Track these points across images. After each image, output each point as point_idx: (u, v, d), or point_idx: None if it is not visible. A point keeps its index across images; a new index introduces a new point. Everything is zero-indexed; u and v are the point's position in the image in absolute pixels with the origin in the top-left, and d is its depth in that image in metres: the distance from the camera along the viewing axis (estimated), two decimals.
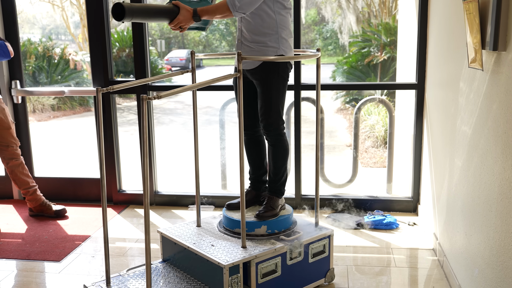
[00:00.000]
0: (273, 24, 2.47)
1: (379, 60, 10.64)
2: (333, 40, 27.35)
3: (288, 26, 2.53)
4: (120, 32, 14.84)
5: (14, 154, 3.56)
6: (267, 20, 2.47)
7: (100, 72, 3.87)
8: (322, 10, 16.88)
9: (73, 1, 16.23)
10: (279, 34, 2.49)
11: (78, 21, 17.47)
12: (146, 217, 1.98)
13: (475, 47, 2.13)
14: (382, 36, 10.97)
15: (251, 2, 2.34)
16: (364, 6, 14.46)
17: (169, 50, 27.04)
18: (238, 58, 2.23)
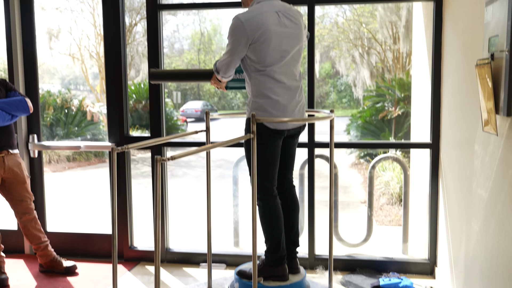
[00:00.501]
0: (250, 87, 2.63)
1: (394, 115, 10.68)
2: (347, 93, 27.68)
3: (263, 88, 2.59)
4: (137, 84, 15.19)
5: (28, 209, 3.58)
6: (248, 83, 2.64)
7: (116, 127, 3.93)
8: (336, 64, 17.16)
9: (92, 54, 16.74)
10: (252, 97, 2.61)
11: (96, 73, 17.97)
12: (156, 280, 1.96)
13: (488, 112, 2.14)
14: (396, 91, 11.06)
15: (225, 66, 2.61)
16: (378, 61, 14.69)
17: (185, 101, 27.52)
18: (252, 120, 2.26)
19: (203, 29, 29.15)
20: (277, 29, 2.54)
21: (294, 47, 2.64)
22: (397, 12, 12.78)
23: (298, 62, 2.69)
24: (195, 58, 29.88)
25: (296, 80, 2.68)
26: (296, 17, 2.66)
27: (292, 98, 2.63)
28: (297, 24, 2.64)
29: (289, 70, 2.63)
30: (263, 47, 2.52)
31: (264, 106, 2.57)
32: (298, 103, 2.67)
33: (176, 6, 4.01)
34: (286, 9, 2.64)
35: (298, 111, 2.68)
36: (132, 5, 17.21)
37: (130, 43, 17.40)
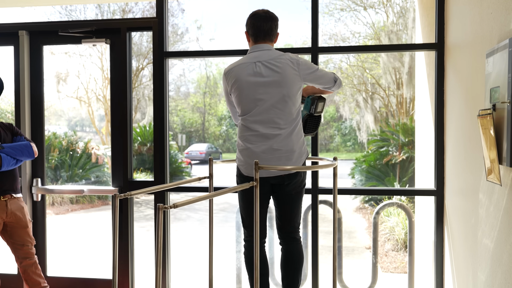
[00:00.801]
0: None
1: (398, 160, 10.67)
2: (351, 136, 27.78)
3: (240, 136, 2.71)
4: (143, 126, 15.31)
5: (29, 253, 3.55)
6: None
7: (120, 170, 3.94)
8: (340, 108, 17.29)
9: (99, 97, 16.96)
10: (237, 143, 2.74)
11: (103, 115, 18.15)
12: None
13: (492, 161, 2.14)
14: (400, 136, 11.09)
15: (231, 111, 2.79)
16: (381, 106, 14.80)
17: (190, 143, 27.64)
18: (255, 167, 2.27)
19: (209, 72, 29.59)
20: (249, 79, 2.64)
21: (273, 95, 2.63)
22: (400, 58, 12.96)
23: (282, 110, 2.64)
24: (201, 101, 30.21)
25: (277, 128, 2.64)
26: (279, 65, 2.64)
27: (267, 146, 2.63)
28: (278, 72, 2.63)
29: (267, 118, 2.63)
30: (237, 97, 2.69)
31: (240, 153, 2.69)
32: (275, 151, 2.63)
33: (182, 54, 4.09)
34: (271, 58, 2.67)
35: (277, 160, 2.63)
36: (139, 50, 17.56)
37: (137, 86, 17.66)
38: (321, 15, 15.40)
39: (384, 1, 14.37)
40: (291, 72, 2.64)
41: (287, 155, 2.64)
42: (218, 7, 29.99)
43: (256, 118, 2.64)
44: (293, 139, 2.65)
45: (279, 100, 2.63)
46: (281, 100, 2.63)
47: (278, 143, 2.63)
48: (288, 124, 2.65)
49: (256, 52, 2.71)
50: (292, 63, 2.65)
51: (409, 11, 13.54)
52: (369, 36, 15.50)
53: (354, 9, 14.99)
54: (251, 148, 2.63)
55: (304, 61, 2.69)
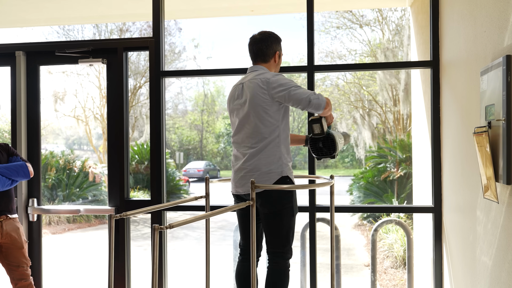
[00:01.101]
0: None
1: (396, 176, 10.67)
2: (349, 152, 27.80)
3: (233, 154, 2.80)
4: (140, 145, 15.30)
5: (24, 274, 3.51)
6: None
7: (117, 190, 3.92)
8: (338, 125, 17.32)
9: (97, 116, 16.98)
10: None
11: (100, 133, 18.15)
12: None
13: (488, 179, 2.14)
14: (397, 152, 11.11)
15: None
16: (379, 123, 14.84)
17: (187, 161, 27.60)
18: (251, 187, 2.26)
19: (207, 90, 29.69)
20: (233, 102, 2.78)
21: (243, 116, 2.68)
22: (396, 75, 13.04)
23: (252, 130, 2.65)
24: (199, 118, 30.25)
25: (247, 147, 2.67)
26: (250, 85, 2.67)
27: (238, 166, 2.71)
28: (247, 93, 2.68)
29: (241, 138, 2.71)
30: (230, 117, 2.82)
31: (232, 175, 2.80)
32: (241, 170, 2.67)
33: (178, 73, 4.11)
34: (249, 79, 2.72)
35: (241, 177, 2.67)
36: (137, 68, 17.63)
37: (134, 105, 17.69)
38: (317, 33, 15.55)
39: (380, 19, 14.52)
40: (259, 92, 2.63)
41: (251, 174, 2.63)
42: (215, 26, 30.21)
43: (234, 138, 2.77)
44: (260, 157, 2.63)
45: (247, 120, 2.67)
46: (248, 121, 2.66)
47: (244, 162, 2.67)
48: (257, 144, 2.64)
49: (248, 73, 2.81)
50: (262, 82, 2.64)
51: (404, 28, 13.67)
52: (365, 53, 15.61)
53: (350, 27, 15.13)
54: (233, 167, 2.77)
55: (276, 80, 2.63)
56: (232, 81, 25.02)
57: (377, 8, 13.97)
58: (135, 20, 5.05)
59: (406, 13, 13.44)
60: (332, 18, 15.33)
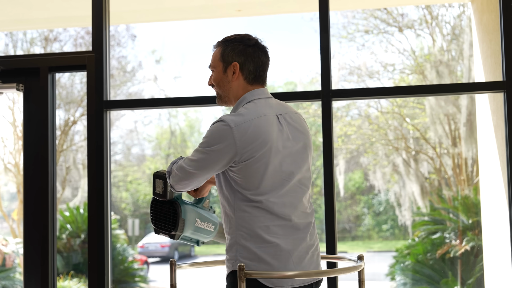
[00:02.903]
0: (231, 224, 2.64)
1: (459, 252, 10.63)
2: (388, 216, 27.56)
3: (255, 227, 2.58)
4: (74, 208, 15.23)
5: None
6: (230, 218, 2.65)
7: (37, 279, 3.89)
8: (370, 175, 17.33)
9: (8, 167, 16.95)
10: (236, 239, 2.61)
11: (14, 192, 18.06)
12: None
13: None
14: (460, 216, 11.09)
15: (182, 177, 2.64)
16: (431, 172, 14.86)
17: (146, 233, 27.35)
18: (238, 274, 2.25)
19: (174, 126, 29.77)
20: (278, 142, 2.62)
21: (301, 167, 2.70)
22: (455, 101, 13.15)
23: (308, 187, 2.73)
24: (162, 167, 30.24)
25: (306, 213, 2.71)
26: (300, 122, 2.77)
27: (300, 241, 2.63)
28: (303, 134, 2.74)
29: (296, 199, 2.66)
30: (258, 167, 2.57)
31: (258, 253, 2.55)
32: (310, 247, 2.67)
33: (131, 103, 4.16)
34: (287, 111, 2.75)
35: (311, 260, 2.67)
36: (70, 95, 17.69)
37: (66, 149, 17.68)
38: (337, 40, 15.72)
39: (429, 19, 14.73)
40: (310, 135, 2.79)
41: (318, 252, 2.72)
42: (186, 33, 30.51)
43: (284, 200, 2.64)
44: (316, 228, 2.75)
45: (305, 174, 2.73)
46: (306, 175, 2.74)
47: (311, 236, 2.69)
48: (312, 208, 2.77)
49: (268, 99, 2.75)
50: (304, 121, 2.82)
51: (464, 32, 13.87)
52: (408, 69, 15.77)
53: (385, 31, 15.33)
54: (280, 246, 2.59)
55: None
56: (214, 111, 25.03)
57: (424, 4, 14.22)
58: (67, 25, 5.09)
59: (467, 10, 13.68)
60: (357, 19, 15.52)
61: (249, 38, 2.82)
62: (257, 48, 2.79)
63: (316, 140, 17.53)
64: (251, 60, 2.76)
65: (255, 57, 2.77)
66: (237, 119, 2.58)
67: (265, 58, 2.81)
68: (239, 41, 2.80)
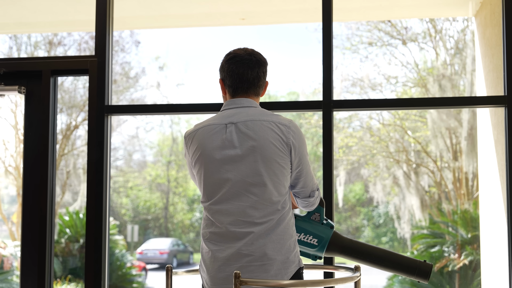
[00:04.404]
0: None
1: (457, 265, 10.62)
2: (388, 228, 27.55)
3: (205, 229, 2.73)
4: (74, 213, 15.21)
5: None
6: None
7: (33, 282, 3.88)
8: (370, 187, 17.33)
9: (9, 170, 16.96)
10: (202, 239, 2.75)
11: (14, 195, 18.05)
12: None
13: None
14: (459, 230, 11.08)
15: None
16: (431, 185, 14.86)
17: (145, 239, 27.33)
18: None
19: (176, 132, 29.77)
20: (214, 151, 2.69)
21: (245, 174, 2.66)
22: (456, 115, 13.16)
23: (259, 196, 2.65)
24: (163, 174, 30.19)
25: (249, 223, 2.64)
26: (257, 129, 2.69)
27: (233, 251, 2.62)
28: (255, 140, 2.67)
29: (234, 207, 2.65)
30: (198, 174, 2.76)
31: (203, 257, 2.73)
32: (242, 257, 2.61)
33: (133, 109, 4.16)
34: (249, 119, 2.72)
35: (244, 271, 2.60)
36: (72, 100, 17.72)
37: (67, 153, 17.69)
38: (340, 52, 15.75)
39: (432, 33, 14.76)
40: (274, 139, 2.69)
41: (261, 264, 2.62)
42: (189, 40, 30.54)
43: (222, 207, 2.66)
44: (272, 239, 2.64)
45: (258, 182, 2.67)
46: (259, 184, 2.66)
47: (249, 245, 2.62)
48: (266, 217, 2.65)
49: (231, 109, 2.79)
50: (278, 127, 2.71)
51: (467, 46, 13.89)
52: (411, 82, 15.79)
53: (389, 44, 15.36)
54: (213, 252, 2.65)
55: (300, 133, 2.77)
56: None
57: (428, 18, 14.25)
58: (71, 29, 5.11)
59: (470, 24, 13.72)
60: (361, 30, 15.55)
61: (230, 53, 2.88)
62: (233, 62, 2.83)
63: (317, 150, 17.46)
64: (227, 75, 2.85)
65: (230, 71, 2.83)
66: (189, 130, 2.85)
67: (243, 69, 2.81)
68: (223, 58, 2.91)
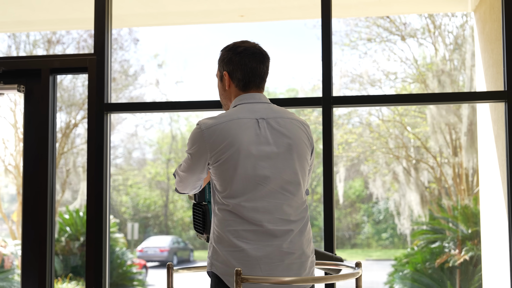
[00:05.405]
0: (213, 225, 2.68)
1: (458, 261, 10.62)
2: (388, 225, 27.52)
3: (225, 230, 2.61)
4: (74, 211, 15.20)
5: None
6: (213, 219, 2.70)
7: (34, 281, 3.88)
8: (370, 184, 17.32)
9: (9, 168, 16.95)
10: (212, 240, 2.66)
11: (14, 194, 18.05)
12: None
13: None
14: (460, 225, 11.08)
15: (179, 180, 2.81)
16: (431, 181, 14.85)
17: (145, 236, 27.33)
18: None
19: (175, 130, 29.76)
20: (250, 146, 2.62)
21: (282, 172, 2.66)
22: (456, 111, 13.14)
23: (294, 194, 2.67)
24: (163, 172, 30.20)
25: (287, 221, 2.64)
26: (289, 127, 2.71)
27: (272, 249, 2.60)
28: (290, 138, 2.68)
29: (272, 205, 2.63)
30: (227, 169, 2.61)
31: (226, 257, 2.58)
32: (285, 256, 2.61)
33: (132, 106, 4.16)
34: (276, 116, 2.72)
35: (287, 269, 2.60)
36: (72, 98, 17.71)
37: (66, 151, 17.68)
38: (339, 48, 15.73)
39: (431, 28, 14.74)
40: (304, 138, 2.76)
41: (301, 261, 2.65)
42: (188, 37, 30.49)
43: (257, 205, 2.62)
44: (306, 237, 2.69)
45: (292, 180, 2.68)
46: (294, 182, 2.69)
47: (290, 244, 2.62)
48: (299, 216, 2.69)
49: (253, 103, 2.75)
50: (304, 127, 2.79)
51: (467, 41, 13.87)
52: (410, 78, 15.78)
53: (387, 39, 15.34)
54: (246, 251, 2.58)
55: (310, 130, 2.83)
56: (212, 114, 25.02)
57: (427, 13, 14.22)
58: (70, 27, 5.11)
59: (469, 20, 13.70)
60: (360, 27, 15.53)
61: (239, 46, 2.83)
62: (245, 55, 2.79)
63: (316, 147, 17.47)
64: (238, 68, 2.78)
65: (242, 64, 2.78)
66: (209, 121, 2.67)
67: (256, 63, 2.79)
68: (229, 50, 2.83)
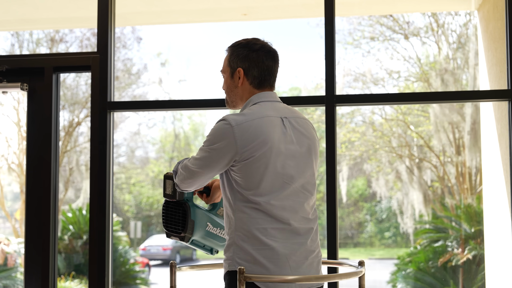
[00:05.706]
0: (231, 224, 2.64)
1: (461, 260, 10.61)
2: (391, 223, 27.50)
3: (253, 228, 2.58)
4: (77, 210, 15.21)
5: None
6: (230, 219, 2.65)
7: (37, 279, 3.88)
8: (373, 182, 17.30)
9: (12, 167, 16.96)
10: (235, 240, 2.61)
11: (17, 192, 18.06)
12: None
13: None
14: (463, 224, 11.07)
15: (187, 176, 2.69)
16: (434, 180, 14.82)
17: (148, 235, 27.33)
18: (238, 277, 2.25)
19: (178, 129, 29.73)
20: (280, 143, 2.62)
21: (305, 172, 2.68)
22: (459, 109, 13.12)
23: (312, 193, 2.71)
24: (165, 170, 30.19)
25: (308, 219, 2.68)
26: (307, 127, 2.76)
27: (299, 247, 2.61)
28: (309, 139, 2.73)
29: (297, 204, 2.64)
30: (258, 167, 2.57)
31: (254, 255, 2.55)
32: (309, 254, 2.64)
33: (135, 105, 4.16)
34: (294, 116, 2.74)
35: (310, 267, 2.64)
36: (75, 96, 17.70)
37: (69, 150, 17.69)
38: (343, 47, 15.72)
39: (435, 27, 14.71)
40: (316, 140, 2.80)
41: (318, 259, 2.71)
42: (191, 36, 30.47)
43: (284, 203, 2.62)
44: (318, 236, 2.73)
45: (309, 179, 2.72)
46: (310, 180, 2.73)
47: (312, 242, 2.68)
48: (315, 214, 2.74)
49: (273, 102, 2.76)
50: (313, 128, 2.82)
51: (470, 40, 13.85)
52: (413, 77, 15.75)
53: (391, 38, 15.32)
54: (276, 249, 2.58)
55: None
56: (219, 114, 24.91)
57: (430, 12, 14.19)
58: (73, 26, 5.12)
59: (473, 18, 13.67)
60: (363, 25, 15.49)
61: (255, 43, 2.81)
62: (262, 52, 2.78)
63: (319, 146, 17.46)
64: (255, 65, 2.76)
65: (259, 62, 2.76)
66: (238, 118, 2.61)
67: (271, 62, 2.80)
68: (244, 47, 2.80)
